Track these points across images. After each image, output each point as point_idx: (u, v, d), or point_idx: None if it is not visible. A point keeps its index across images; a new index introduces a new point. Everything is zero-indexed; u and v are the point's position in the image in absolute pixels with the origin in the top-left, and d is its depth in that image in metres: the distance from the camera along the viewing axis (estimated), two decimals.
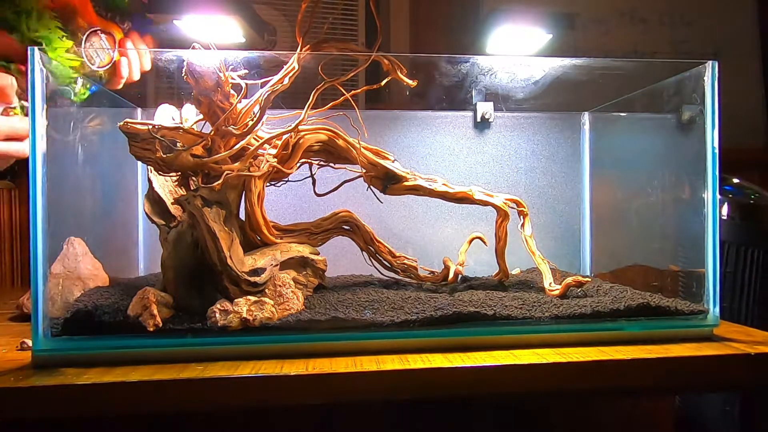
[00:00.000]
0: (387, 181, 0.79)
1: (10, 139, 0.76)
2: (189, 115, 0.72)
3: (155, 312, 0.61)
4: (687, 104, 0.78)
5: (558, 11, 1.35)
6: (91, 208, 0.85)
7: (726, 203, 1.16)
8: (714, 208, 0.71)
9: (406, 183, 0.80)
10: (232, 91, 0.68)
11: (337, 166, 0.81)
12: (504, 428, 0.82)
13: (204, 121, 0.70)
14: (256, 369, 0.57)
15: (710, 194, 0.71)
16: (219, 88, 0.66)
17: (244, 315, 0.62)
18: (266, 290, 0.67)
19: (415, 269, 0.83)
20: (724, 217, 1.15)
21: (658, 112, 0.90)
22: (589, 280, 0.79)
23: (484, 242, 0.88)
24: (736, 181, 1.16)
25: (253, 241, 0.75)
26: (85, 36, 0.69)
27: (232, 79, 0.67)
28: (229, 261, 0.63)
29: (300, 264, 0.77)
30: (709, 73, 0.72)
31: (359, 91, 0.78)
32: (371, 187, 0.81)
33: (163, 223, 0.70)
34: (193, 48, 0.64)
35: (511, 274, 0.88)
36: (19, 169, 1.00)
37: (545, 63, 0.88)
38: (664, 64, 0.93)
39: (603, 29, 1.55)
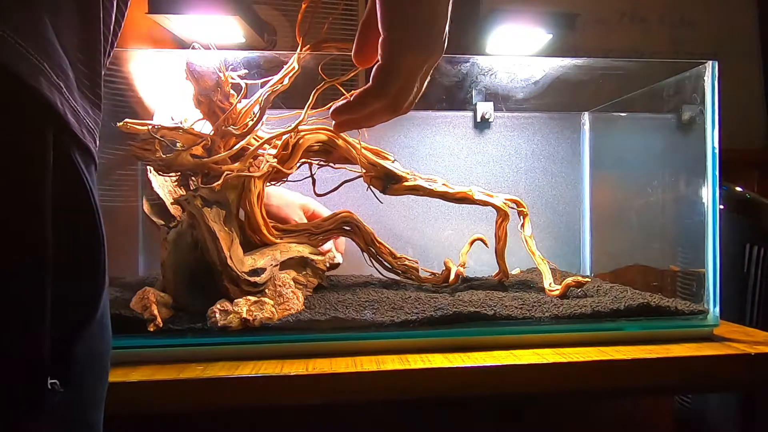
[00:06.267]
0: (387, 182, 0.79)
1: None
2: (189, 115, 0.72)
3: (155, 312, 0.61)
4: (687, 104, 0.78)
5: (558, 11, 1.35)
6: None
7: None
8: (714, 208, 0.71)
9: (406, 183, 0.80)
10: (232, 91, 0.68)
11: (337, 166, 0.81)
12: (504, 428, 0.82)
13: (204, 121, 0.70)
14: (256, 369, 0.57)
15: (710, 194, 0.71)
16: (219, 88, 0.66)
17: (244, 315, 0.62)
18: (266, 290, 0.67)
19: (416, 270, 0.83)
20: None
21: (658, 112, 0.90)
22: (589, 280, 0.79)
23: (486, 244, 0.88)
24: (738, 190, 1.15)
25: (252, 241, 0.75)
26: None
27: (232, 79, 0.67)
28: (229, 261, 0.63)
29: (300, 264, 0.77)
30: (709, 73, 0.72)
31: (359, 91, 0.77)
32: (371, 187, 0.81)
33: (163, 223, 0.70)
34: (193, 48, 0.64)
35: (511, 274, 0.88)
36: None
37: (545, 63, 0.88)
38: (664, 64, 0.93)
39: (603, 29, 1.55)
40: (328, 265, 0.82)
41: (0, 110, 0.30)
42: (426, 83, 0.44)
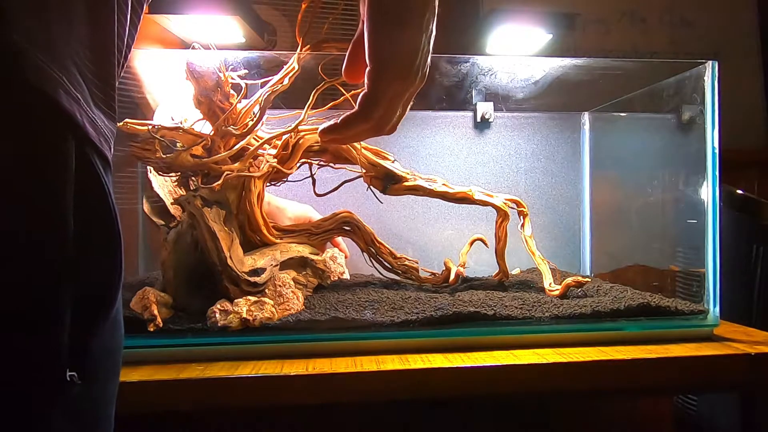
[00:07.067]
0: (387, 182, 0.79)
1: None
2: (189, 115, 0.72)
3: (155, 312, 0.61)
4: (687, 104, 0.78)
5: (558, 11, 1.35)
6: None
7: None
8: (714, 208, 0.71)
9: (406, 183, 0.80)
10: (232, 91, 0.68)
11: (337, 166, 0.81)
12: (504, 428, 0.82)
13: (204, 121, 0.70)
14: (256, 369, 0.57)
15: (710, 194, 0.71)
16: (219, 89, 0.66)
17: (244, 315, 0.62)
18: (266, 290, 0.67)
19: (416, 270, 0.83)
20: None
21: (658, 112, 0.90)
22: (589, 280, 0.79)
23: (486, 244, 0.88)
24: (739, 192, 1.14)
25: (252, 241, 0.75)
26: None
27: (232, 79, 0.67)
28: (229, 261, 0.63)
29: (300, 264, 0.77)
30: (709, 73, 0.72)
31: (359, 91, 0.77)
32: (371, 187, 0.81)
33: (163, 223, 0.70)
34: (193, 48, 0.64)
35: (511, 274, 0.88)
36: None
37: (545, 63, 0.88)
38: (664, 64, 0.93)
39: (603, 29, 1.54)
40: (337, 278, 0.85)
41: (24, 123, 0.31)
42: (409, 107, 0.47)
